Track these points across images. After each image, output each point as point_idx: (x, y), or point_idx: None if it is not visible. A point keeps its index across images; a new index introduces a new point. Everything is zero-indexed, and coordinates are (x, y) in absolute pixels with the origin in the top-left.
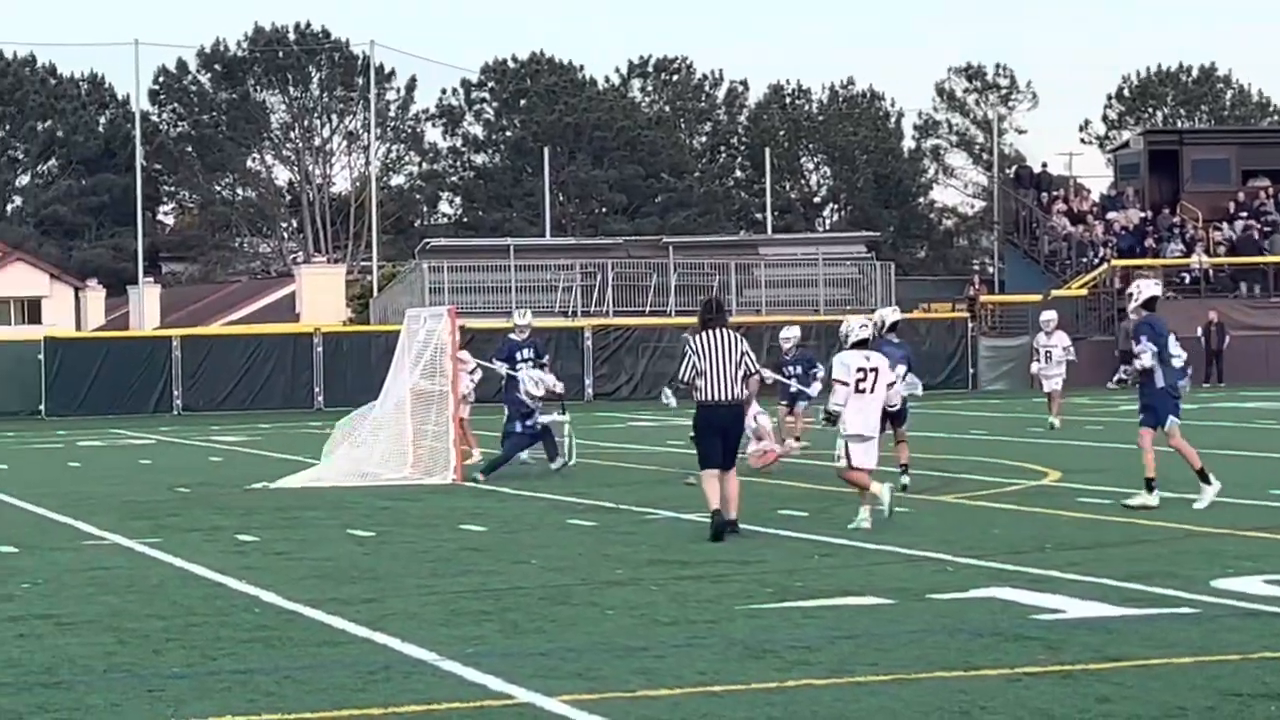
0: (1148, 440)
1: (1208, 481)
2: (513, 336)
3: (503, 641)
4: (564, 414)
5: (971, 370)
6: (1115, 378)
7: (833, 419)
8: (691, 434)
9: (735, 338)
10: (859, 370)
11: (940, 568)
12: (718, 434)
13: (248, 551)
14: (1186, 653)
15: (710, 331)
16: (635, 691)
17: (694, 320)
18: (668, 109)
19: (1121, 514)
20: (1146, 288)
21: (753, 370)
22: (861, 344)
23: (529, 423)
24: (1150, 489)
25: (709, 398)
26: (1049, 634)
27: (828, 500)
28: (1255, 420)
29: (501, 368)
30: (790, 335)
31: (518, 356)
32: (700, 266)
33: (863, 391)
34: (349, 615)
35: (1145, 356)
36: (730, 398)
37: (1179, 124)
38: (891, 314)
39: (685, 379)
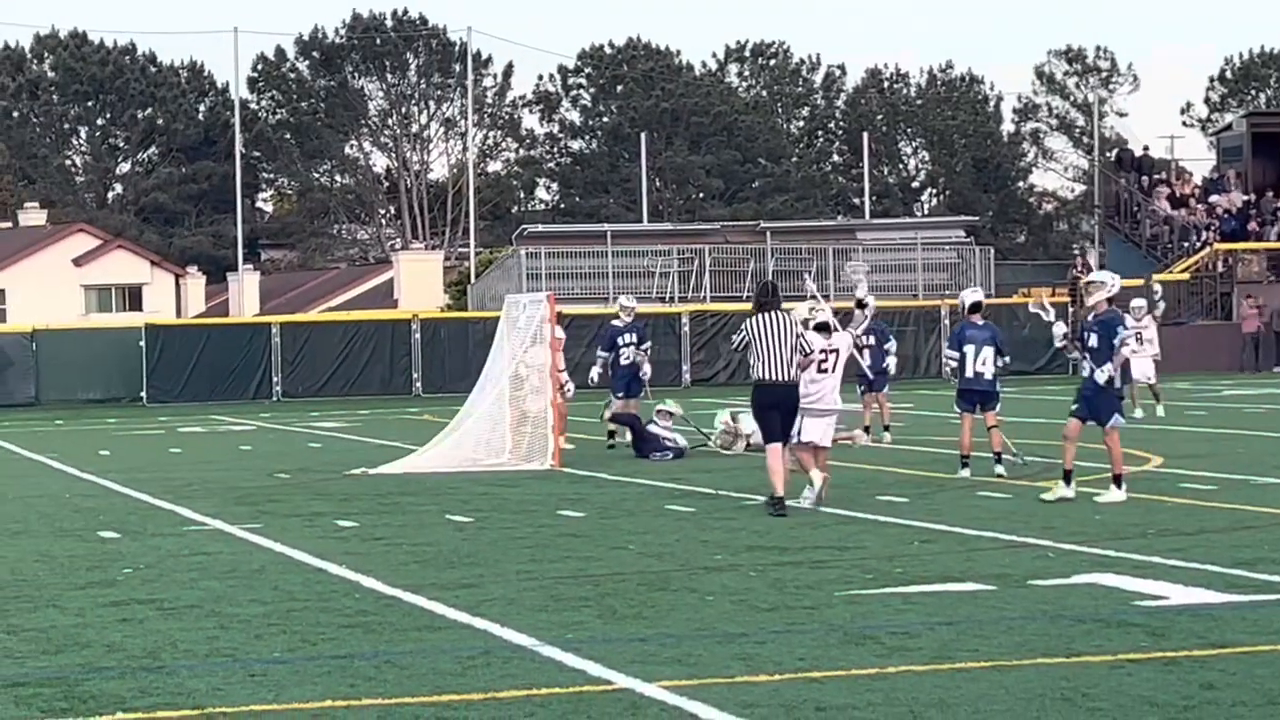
0: (1075, 431)
1: (1119, 486)
2: (615, 322)
3: (601, 627)
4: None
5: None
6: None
7: None
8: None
9: (790, 321)
10: (821, 351)
11: (1041, 554)
12: (776, 410)
13: (347, 537)
14: None
15: (765, 314)
16: (734, 677)
17: (793, 306)
18: (765, 93)
19: (1226, 499)
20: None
21: (806, 351)
22: (822, 327)
23: (664, 455)
24: (1068, 481)
25: (766, 378)
26: (1152, 620)
27: (928, 487)
28: None
29: (603, 358)
30: (867, 301)
31: (620, 342)
32: (798, 251)
33: (825, 371)
34: (448, 600)
35: (1107, 369)
36: (785, 378)
37: None
38: (971, 295)
39: (737, 348)
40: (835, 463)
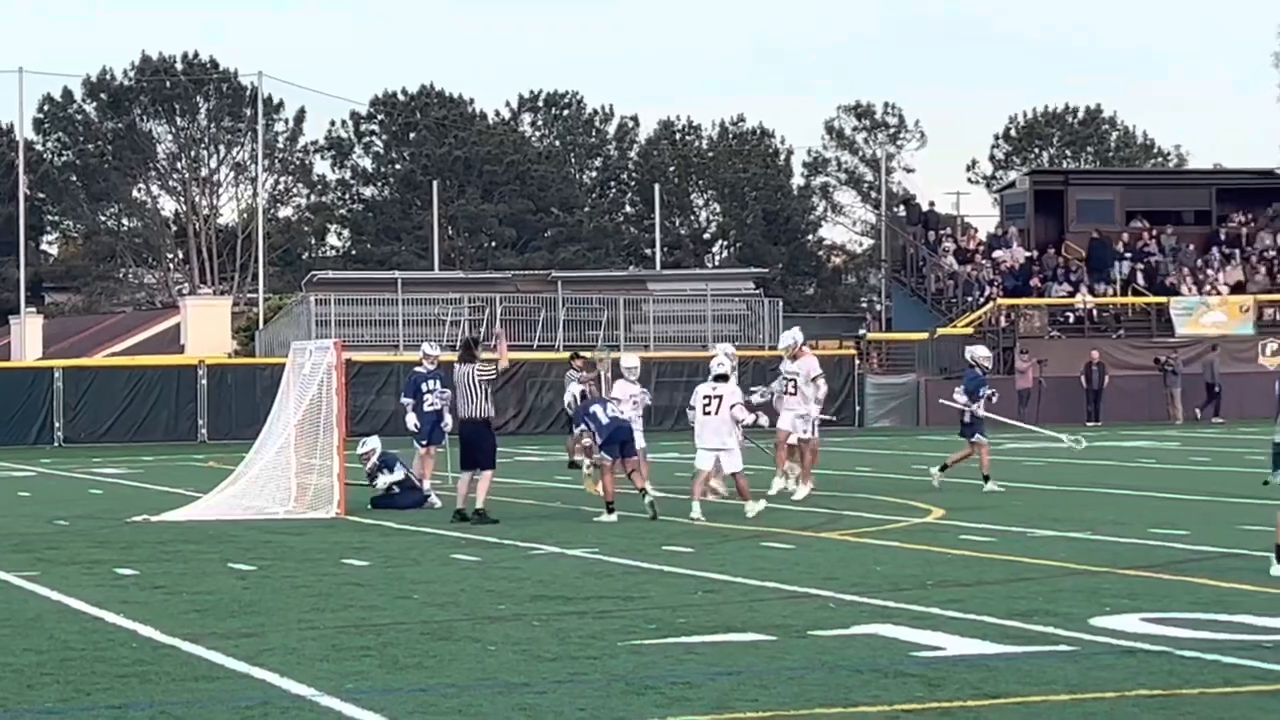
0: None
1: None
2: (418, 369)
3: (383, 677)
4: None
5: (858, 408)
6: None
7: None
8: None
9: (476, 370)
10: (705, 397)
11: (823, 605)
12: (465, 441)
13: (126, 585)
14: (1063, 690)
15: (463, 365)
16: None
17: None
18: (558, 143)
19: (1004, 551)
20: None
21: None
22: (720, 378)
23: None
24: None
25: (460, 414)
26: (928, 671)
27: (714, 537)
28: (1136, 459)
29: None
30: (987, 354)
31: (423, 388)
32: (589, 301)
33: (709, 413)
34: (227, 650)
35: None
36: (472, 416)
37: (1064, 165)
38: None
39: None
40: (625, 512)
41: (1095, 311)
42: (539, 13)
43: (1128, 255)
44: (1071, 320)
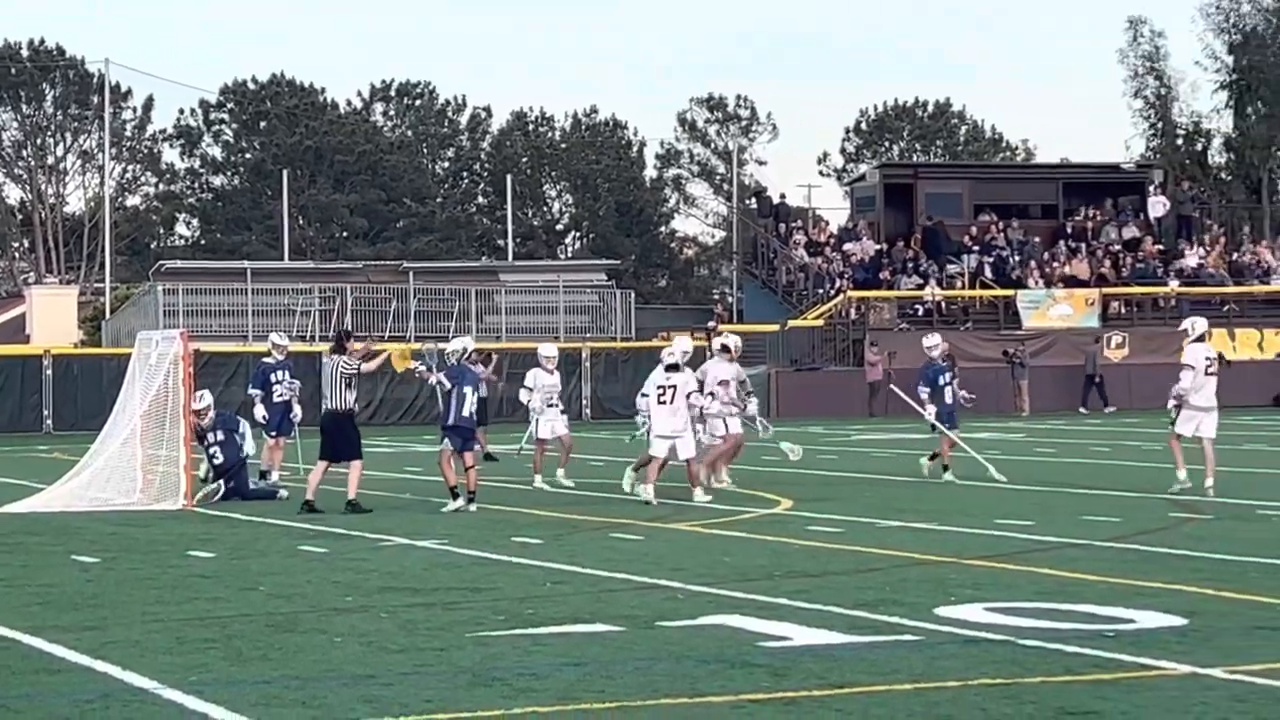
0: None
1: (455, 498)
2: (267, 359)
3: (227, 669)
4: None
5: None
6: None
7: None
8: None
9: (340, 362)
10: (659, 387)
11: (671, 595)
12: (326, 431)
13: None
14: (907, 679)
15: (331, 356)
16: (360, 719)
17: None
18: (410, 134)
19: (851, 542)
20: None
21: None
22: (672, 368)
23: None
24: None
25: (324, 406)
26: (774, 661)
27: (564, 528)
28: (983, 450)
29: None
30: (936, 343)
31: (272, 379)
32: (440, 292)
33: (663, 402)
34: (69, 643)
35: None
36: (334, 407)
37: (914, 158)
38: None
39: None
40: (484, 504)
41: (944, 304)
42: (391, 1)
43: (975, 248)
44: (920, 313)
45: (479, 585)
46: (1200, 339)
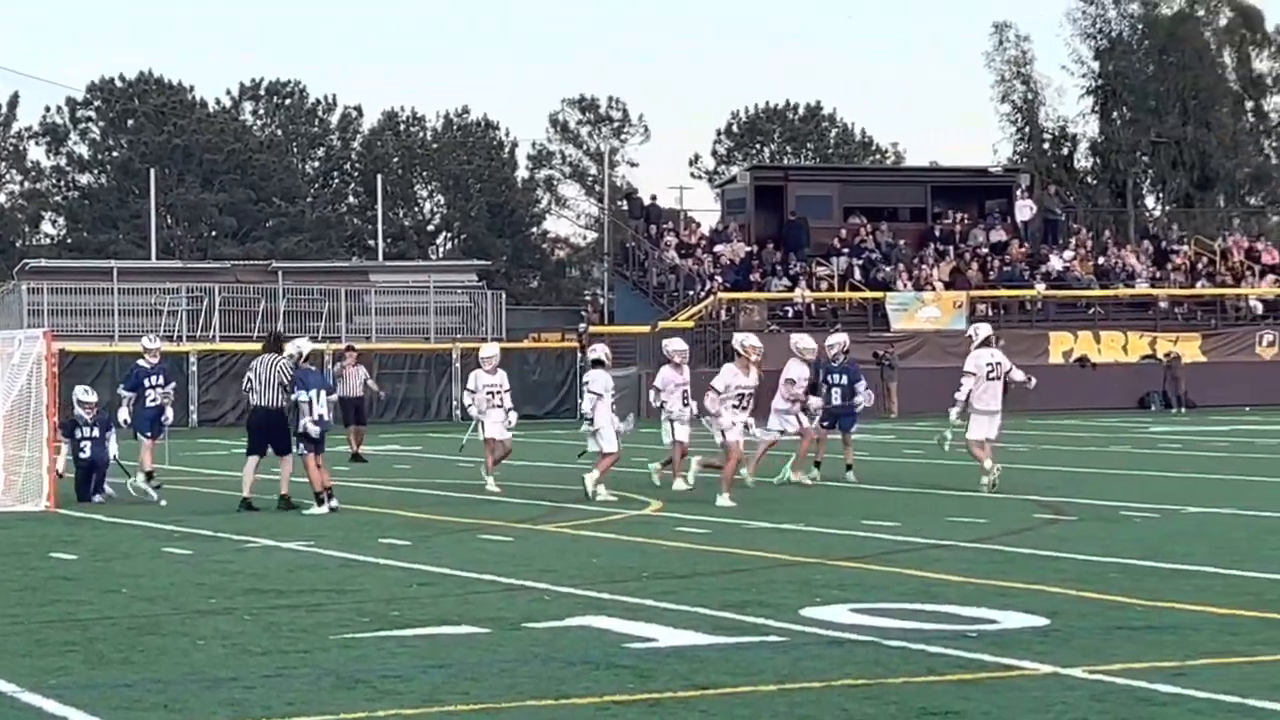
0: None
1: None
2: (141, 362)
3: (87, 673)
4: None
5: (580, 400)
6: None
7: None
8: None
9: (279, 361)
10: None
11: (538, 597)
12: (259, 429)
13: None
14: (772, 680)
15: (265, 355)
16: None
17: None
18: (280, 133)
19: (719, 543)
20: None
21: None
22: (596, 363)
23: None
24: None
25: (257, 404)
26: (640, 662)
27: (431, 529)
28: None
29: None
30: (836, 341)
31: (146, 382)
32: (310, 292)
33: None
34: None
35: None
36: (268, 405)
37: (785, 161)
38: (304, 344)
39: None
40: (352, 506)
41: (814, 306)
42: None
43: (845, 251)
44: (791, 314)
45: (344, 587)
46: (985, 344)
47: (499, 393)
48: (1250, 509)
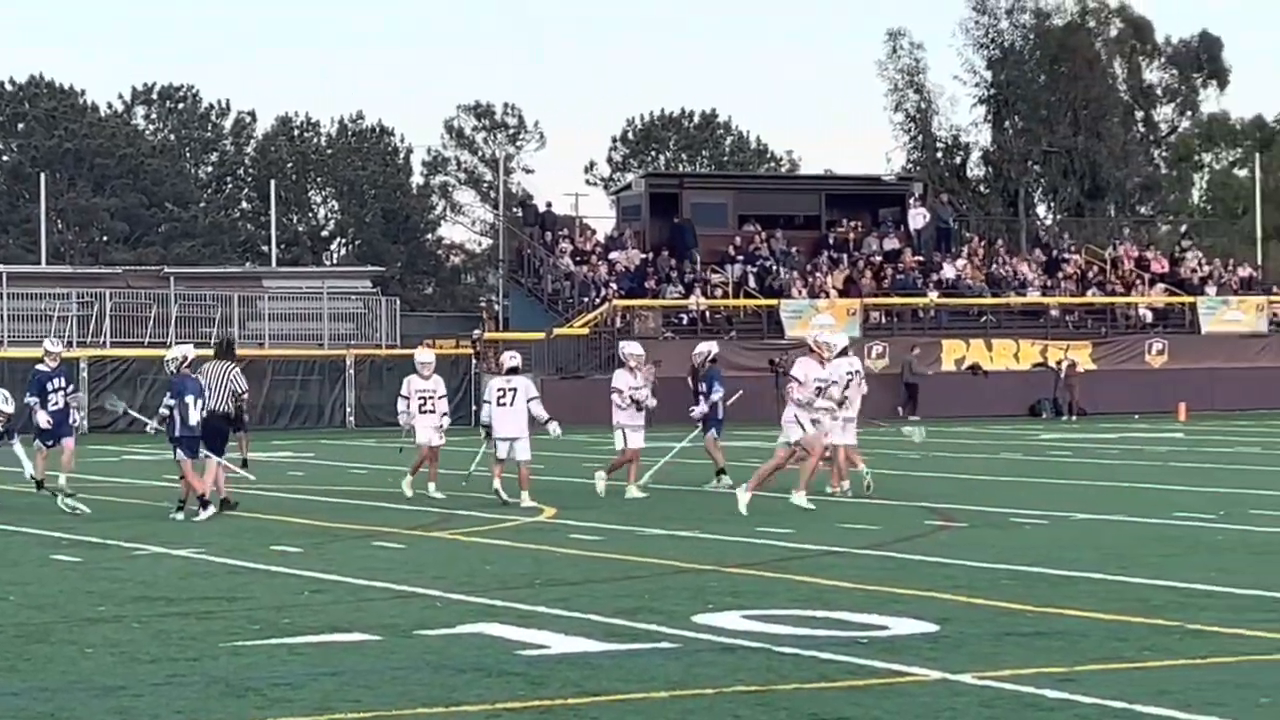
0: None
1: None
2: (41, 366)
3: None
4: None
5: (475, 407)
6: None
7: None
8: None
9: (226, 369)
10: (498, 389)
11: (430, 604)
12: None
13: None
14: (663, 687)
15: (216, 362)
16: None
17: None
18: (172, 137)
19: (612, 549)
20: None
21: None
22: (513, 370)
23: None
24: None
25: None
26: (531, 669)
27: (323, 536)
28: (744, 459)
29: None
30: (702, 350)
31: (49, 386)
32: (203, 298)
33: (504, 405)
34: None
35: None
36: (216, 409)
37: (680, 168)
38: (181, 350)
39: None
40: (243, 514)
41: (708, 313)
42: (153, 3)
43: (740, 258)
44: (685, 321)
45: (235, 594)
46: (843, 353)
47: (431, 398)
48: (1138, 516)
